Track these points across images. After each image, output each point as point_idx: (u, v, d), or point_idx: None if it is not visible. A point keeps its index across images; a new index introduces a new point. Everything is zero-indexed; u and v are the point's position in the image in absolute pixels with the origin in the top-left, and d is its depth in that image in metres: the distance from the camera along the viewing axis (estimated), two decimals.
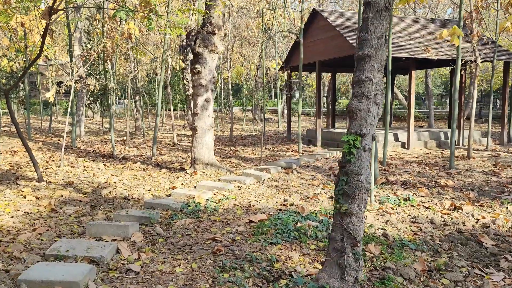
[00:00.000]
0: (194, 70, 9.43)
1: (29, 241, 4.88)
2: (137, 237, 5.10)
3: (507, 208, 6.62)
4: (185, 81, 10.44)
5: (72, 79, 10.36)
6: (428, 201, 6.95)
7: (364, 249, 4.59)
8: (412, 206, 6.67)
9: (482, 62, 13.06)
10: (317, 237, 5.06)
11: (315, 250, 4.75)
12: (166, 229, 5.51)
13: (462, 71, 14.15)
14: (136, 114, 19.97)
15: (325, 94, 23.82)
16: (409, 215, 6.18)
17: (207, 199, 6.88)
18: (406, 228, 5.56)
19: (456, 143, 13.92)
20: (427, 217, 6.03)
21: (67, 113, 10.86)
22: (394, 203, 6.76)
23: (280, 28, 20.63)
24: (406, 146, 13.49)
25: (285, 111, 33.33)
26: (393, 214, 6.12)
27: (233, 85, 28.57)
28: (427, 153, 12.69)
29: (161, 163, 10.76)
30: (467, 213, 6.28)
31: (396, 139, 13.77)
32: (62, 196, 6.98)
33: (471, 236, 5.25)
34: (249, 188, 7.89)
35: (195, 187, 7.90)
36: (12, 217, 5.78)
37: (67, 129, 13.40)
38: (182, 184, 8.21)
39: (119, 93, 19.55)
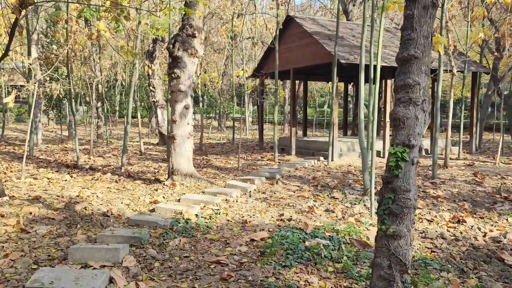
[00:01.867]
0: (173, 75, 8.79)
1: (1, 270, 4.12)
2: (130, 261, 4.45)
3: (507, 219, 6.45)
4: (150, 87, 9.80)
5: (35, 83, 9.46)
6: (428, 213, 6.69)
7: None
8: None
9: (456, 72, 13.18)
10: (332, 258, 4.61)
11: (334, 273, 4.29)
12: (160, 250, 4.88)
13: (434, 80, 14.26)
14: (97, 122, 18.90)
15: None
16: (415, 229, 5.86)
17: (196, 215, 6.28)
18: (420, 244, 5.22)
19: (430, 152, 13.96)
20: (436, 231, 5.73)
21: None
22: None
23: (251, 35, 20.20)
24: (381, 155, 13.36)
25: (250, 119, 32.95)
26: None
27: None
28: None
29: (133, 174, 10.01)
30: (472, 226, 6.04)
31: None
32: (31, 213, 6.16)
33: (490, 253, 4.97)
34: (237, 201, 7.34)
35: (178, 200, 7.27)
36: None
37: (24, 137, 12.33)
38: (163, 197, 7.55)
39: (87, 98, 18.45)
